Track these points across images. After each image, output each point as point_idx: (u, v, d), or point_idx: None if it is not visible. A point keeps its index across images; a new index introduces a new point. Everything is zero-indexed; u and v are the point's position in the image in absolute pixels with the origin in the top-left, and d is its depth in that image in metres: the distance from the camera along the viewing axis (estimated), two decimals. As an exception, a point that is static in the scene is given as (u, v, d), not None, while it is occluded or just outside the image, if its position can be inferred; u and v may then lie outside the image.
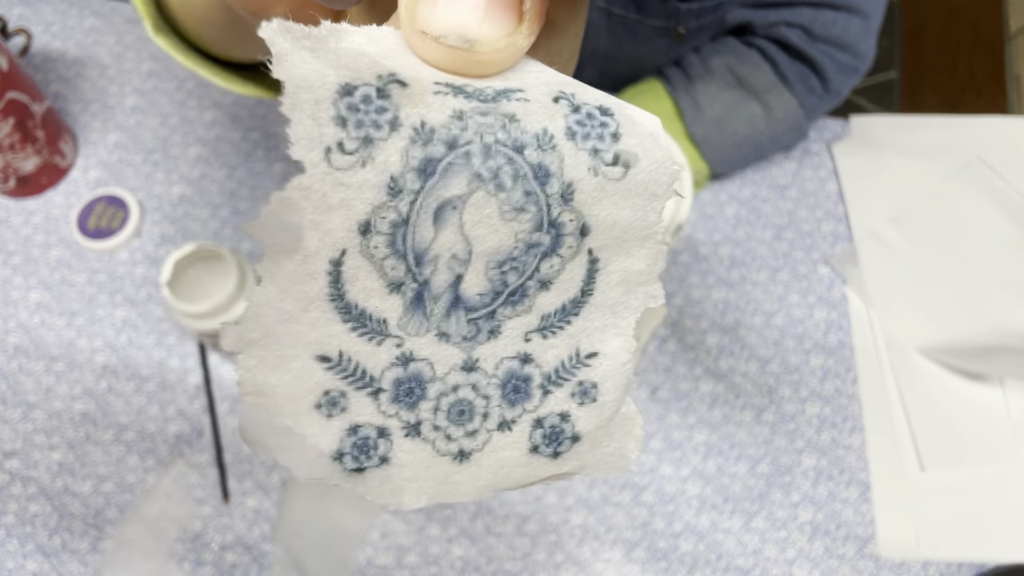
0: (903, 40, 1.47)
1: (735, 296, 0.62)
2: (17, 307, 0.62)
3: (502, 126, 0.15)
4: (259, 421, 0.15)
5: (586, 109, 0.15)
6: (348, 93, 0.14)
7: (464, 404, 0.16)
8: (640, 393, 0.58)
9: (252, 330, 0.14)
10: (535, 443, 0.17)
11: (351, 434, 0.15)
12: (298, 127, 0.14)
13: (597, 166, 0.15)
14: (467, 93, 0.15)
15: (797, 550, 0.54)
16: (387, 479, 0.16)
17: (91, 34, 0.73)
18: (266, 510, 0.55)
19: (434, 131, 0.14)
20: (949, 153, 0.66)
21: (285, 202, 0.14)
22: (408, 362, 0.16)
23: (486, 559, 0.53)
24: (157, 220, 0.65)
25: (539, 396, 0.17)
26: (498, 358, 0.16)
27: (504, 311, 0.16)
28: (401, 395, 0.16)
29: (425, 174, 0.14)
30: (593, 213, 0.16)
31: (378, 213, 0.14)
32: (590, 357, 0.17)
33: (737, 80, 0.60)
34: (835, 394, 0.58)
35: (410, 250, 0.15)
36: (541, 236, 0.15)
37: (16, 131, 0.60)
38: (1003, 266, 0.61)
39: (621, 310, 0.17)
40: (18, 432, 0.57)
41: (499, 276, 0.15)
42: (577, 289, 0.16)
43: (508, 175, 0.15)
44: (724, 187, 0.66)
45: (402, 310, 0.15)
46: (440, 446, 0.16)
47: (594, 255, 0.16)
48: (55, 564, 0.53)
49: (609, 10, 0.60)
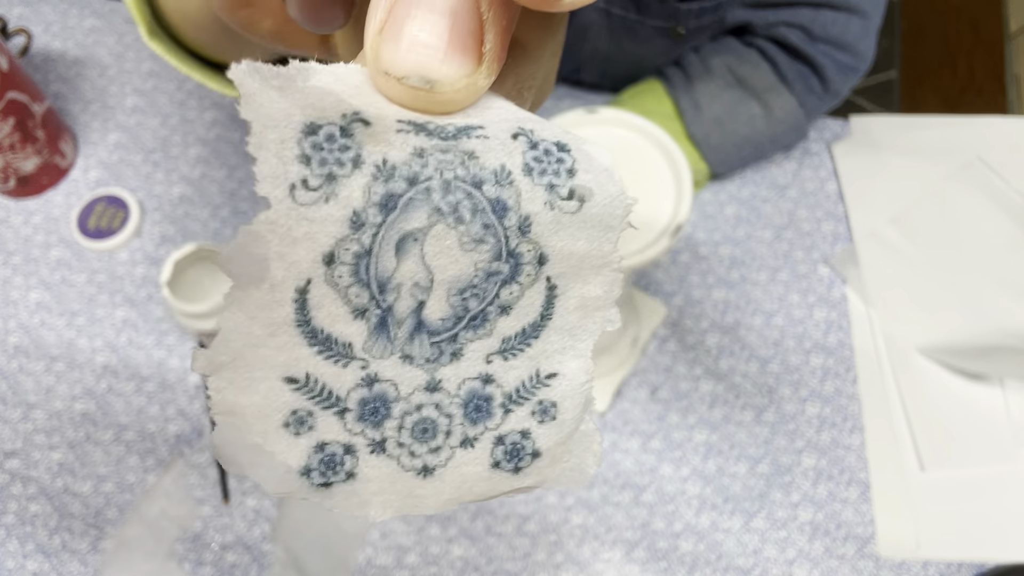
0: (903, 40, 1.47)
1: (735, 296, 0.62)
2: (17, 307, 0.62)
3: (461, 162, 0.15)
4: (230, 439, 0.16)
5: (544, 146, 0.16)
6: (313, 132, 0.15)
7: (427, 422, 0.17)
8: (640, 393, 0.58)
9: (222, 354, 0.15)
10: (496, 459, 0.18)
11: (318, 451, 0.16)
12: (264, 165, 0.14)
13: (553, 200, 0.16)
14: (429, 131, 0.15)
15: (797, 550, 0.54)
16: (353, 493, 0.17)
17: (91, 34, 0.73)
18: (266, 510, 0.55)
19: (395, 168, 0.15)
20: (949, 153, 0.66)
21: (252, 235, 0.15)
22: (373, 383, 0.16)
23: (486, 559, 0.53)
24: (157, 220, 0.65)
25: (500, 415, 0.17)
26: (460, 379, 0.17)
27: (466, 334, 0.17)
28: (366, 414, 0.16)
29: (387, 208, 0.15)
30: (550, 244, 0.16)
31: (341, 245, 0.15)
32: (550, 377, 0.18)
33: (737, 80, 0.60)
34: (835, 394, 0.58)
35: (373, 279, 0.15)
36: (500, 265, 0.16)
37: (16, 131, 0.60)
38: (1003, 266, 0.61)
39: (579, 333, 0.18)
40: (18, 432, 0.57)
41: (460, 302, 0.16)
42: (536, 314, 0.17)
43: (467, 209, 0.15)
44: (724, 187, 0.66)
45: (367, 334, 0.16)
46: (404, 462, 0.17)
47: (552, 282, 0.17)
48: (55, 564, 0.53)
49: (609, 11, 0.60)
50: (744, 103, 0.60)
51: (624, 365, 0.57)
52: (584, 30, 0.63)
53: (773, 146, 0.63)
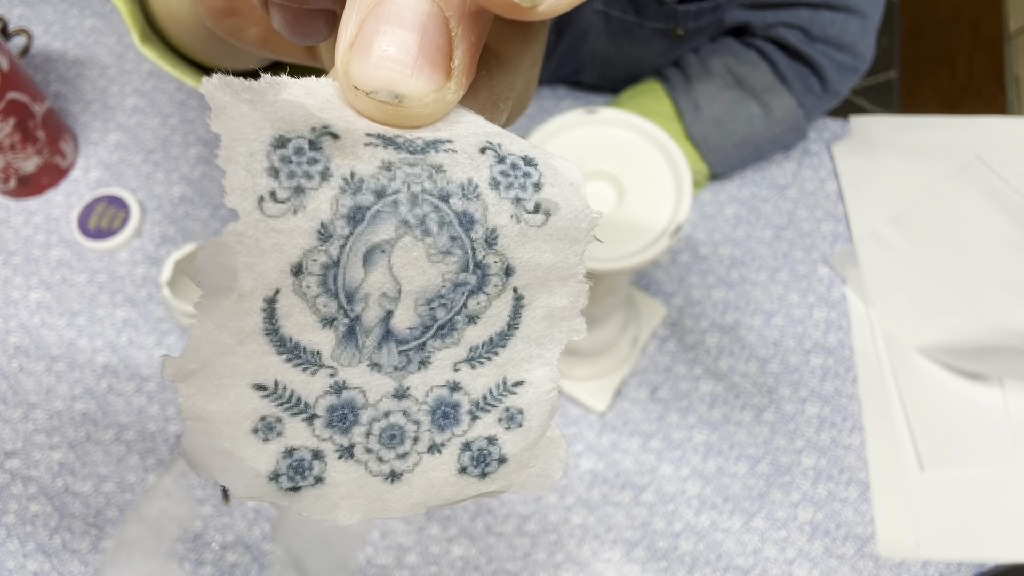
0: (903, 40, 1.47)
1: (735, 296, 0.62)
2: (18, 307, 0.62)
3: (429, 176, 0.16)
4: (199, 444, 0.16)
5: (511, 160, 0.17)
6: (281, 145, 0.15)
7: (395, 429, 0.17)
8: (640, 393, 0.58)
9: (191, 361, 0.15)
10: (463, 464, 0.18)
11: (287, 456, 0.17)
12: (233, 178, 0.15)
13: (519, 214, 0.17)
14: (397, 144, 0.16)
15: (797, 550, 0.54)
16: (322, 497, 0.17)
17: (92, 34, 0.73)
18: (266, 510, 0.55)
19: (363, 181, 0.15)
20: (948, 153, 0.66)
21: (220, 246, 0.15)
22: (341, 390, 0.17)
23: (486, 559, 0.53)
24: (158, 220, 0.65)
25: (468, 421, 0.18)
26: (428, 386, 0.17)
27: (434, 343, 0.17)
28: (335, 420, 0.17)
29: (354, 221, 0.15)
30: (517, 256, 0.17)
31: (309, 256, 0.15)
32: (516, 385, 0.18)
33: (736, 80, 0.60)
34: (835, 394, 0.58)
35: (341, 289, 0.16)
36: (467, 276, 0.17)
37: (17, 131, 0.60)
38: (1002, 266, 0.61)
39: (546, 342, 0.18)
40: (19, 432, 0.57)
41: (428, 312, 0.17)
42: (504, 323, 0.17)
43: (434, 222, 0.16)
44: (724, 187, 0.66)
45: (335, 343, 0.16)
46: (372, 467, 0.17)
47: (519, 292, 0.17)
48: (56, 564, 0.53)
49: (608, 13, 0.60)
50: (743, 103, 0.60)
51: (624, 365, 0.57)
52: (583, 32, 0.63)
53: (773, 146, 0.64)
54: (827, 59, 0.59)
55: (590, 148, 0.43)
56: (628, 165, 0.43)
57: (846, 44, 0.59)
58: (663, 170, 0.42)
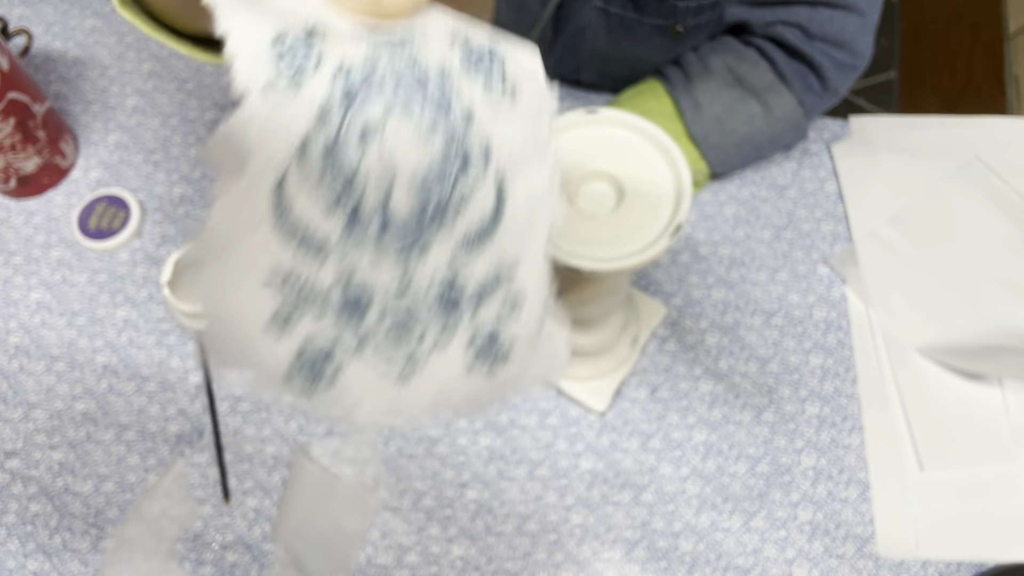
0: (902, 40, 1.47)
1: (735, 296, 0.62)
2: (18, 307, 0.62)
3: (407, 64, 0.18)
4: (219, 338, 0.18)
5: (478, 50, 0.19)
6: (280, 40, 0.17)
7: (402, 326, 0.19)
8: (640, 393, 0.58)
9: (208, 249, 0.17)
10: (469, 362, 0.19)
11: (301, 354, 0.18)
12: (239, 71, 0.17)
13: (489, 96, 0.19)
14: (378, 38, 0.18)
15: (797, 550, 0.54)
16: (339, 396, 0.19)
17: (92, 34, 0.73)
18: (267, 509, 0.55)
19: (352, 68, 0.17)
20: (948, 153, 0.66)
21: (231, 132, 0.17)
22: (350, 283, 0.18)
23: (486, 559, 0.53)
24: (158, 220, 0.65)
25: (470, 311, 0.19)
26: (430, 277, 0.19)
27: (431, 228, 0.19)
28: (345, 312, 0.18)
29: (347, 100, 0.17)
30: (492, 132, 0.19)
31: (311, 135, 0.17)
32: (512, 269, 0.20)
33: (736, 79, 0.60)
34: (834, 394, 0.58)
35: (341, 170, 0.18)
36: (452, 154, 0.18)
37: (17, 131, 0.60)
38: (1002, 266, 0.61)
39: (532, 225, 0.20)
40: (19, 432, 0.58)
41: (423, 192, 0.18)
42: (491, 207, 0.19)
43: (416, 103, 0.18)
44: (724, 187, 0.66)
45: (341, 228, 0.18)
46: (383, 369, 0.19)
47: (500, 174, 0.19)
48: (56, 564, 0.53)
49: (607, 9, 0.60)
50: (743, 102, 0.60)
51: (624, 365, 0.57)
52: (582, 29, 0.63)
53: (773, 145, 0.64)
54: (826, 57, 0.59)
55: (590, 148, 0.43)
56: (628, 165, 0.43)
57: (845, 42, 0.59)
58: (663, 170, 0.42)
